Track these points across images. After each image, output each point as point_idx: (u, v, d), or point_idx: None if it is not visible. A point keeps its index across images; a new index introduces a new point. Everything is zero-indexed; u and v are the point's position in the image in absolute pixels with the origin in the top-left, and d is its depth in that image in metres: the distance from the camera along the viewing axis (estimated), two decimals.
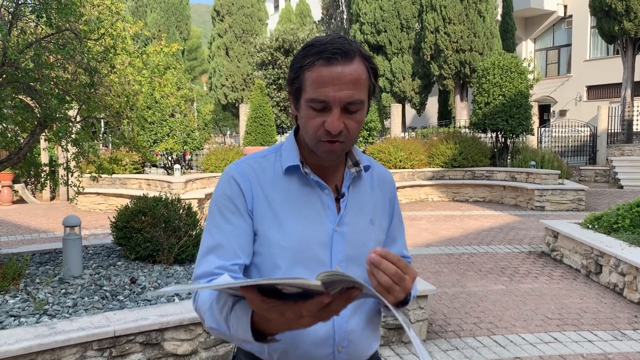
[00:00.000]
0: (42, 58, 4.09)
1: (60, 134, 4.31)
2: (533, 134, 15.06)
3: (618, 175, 15.42)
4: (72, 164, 5.10)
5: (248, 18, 24.71)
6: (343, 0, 26.18)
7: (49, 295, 3.82)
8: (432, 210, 11.21)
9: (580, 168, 16.92)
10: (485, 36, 18.72)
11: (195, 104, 15.72)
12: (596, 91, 23.41)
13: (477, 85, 13.84)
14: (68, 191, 12.89)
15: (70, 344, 2.92)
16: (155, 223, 4.76)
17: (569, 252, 6.31)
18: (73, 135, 4.67)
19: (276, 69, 15.69)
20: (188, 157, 14.83)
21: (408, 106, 23.33)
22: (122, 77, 5.16)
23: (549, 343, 4.02)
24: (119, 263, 4.78)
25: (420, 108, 22.68)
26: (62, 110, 4.43)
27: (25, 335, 2.90)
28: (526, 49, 25.90)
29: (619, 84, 19.86)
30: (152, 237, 4.71)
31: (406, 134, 19.15)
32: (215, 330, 1.08)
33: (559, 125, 19.47)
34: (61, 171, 10.39)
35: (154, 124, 12.53)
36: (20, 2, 4.27)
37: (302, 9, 27.50)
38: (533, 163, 12.54)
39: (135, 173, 12.59)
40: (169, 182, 10.36)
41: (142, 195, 5.23)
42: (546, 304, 4.94)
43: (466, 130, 15.24)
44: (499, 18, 21.37)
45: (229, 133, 30.17)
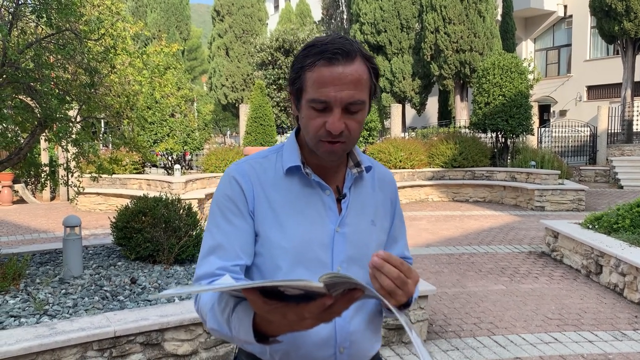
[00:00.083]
0: (42, 58, 4.09)
1: (60, 134, 4.31)
2: (533, 134, 15.06)
3: (618, 176, 15.42)
4: (72, 164, 5.10)
5: (248, 18, 24.72)
6: (343, 1, 26.18)
7: (49, 295, 3.82)
8: (432, 210, 11.21)
9: (580, 168, 16.92)
10: (486, 36, 18.72)
11: (195, 104, 15.71)
12: (596, 91, 23.41)
13: (477, 85, 13.84)
14: (68, 191, 12.89)
15: (71, 344, 2.92)
16: (156, 223, 4.76)
17: (569, 253, 6.31)
18: (73, 135, 4.67)
19: (276, 69, 15.70)
20: (188, 157, 14.83)
21: (408, 106, 23.33)
22: (123, 77, 5.15)
23: (549, 343, 4.02)
24: (119, 263, 4.78)
25: (420, 108, 22.68)
26: (62, 111, 4.43)
27: (25, 335, 2.90)
28: (526, 49, 25.90)
29: (619, 84, 19.87)
30: (153, 238, 4.71)
31: (406, 134, 19.15)
32: (217, 331, 1.08)
33: (559, 126, 19.47)
34: (61, 171, 10.40)
35: (154, 124, 12.53)
36: (20, 2, 4.27)
37: (302, 9, 27.50)
38: (533, 163, 12.54)
39: (136, 173, 12.59)
40: (169, 182, 10.36)
41: (143, 195, 5.23)
42: (546, 304, 4.93)
43: (466, 130, 15.24)
44: (499, 18, 21.37)
45: (229, 133, 30.17)
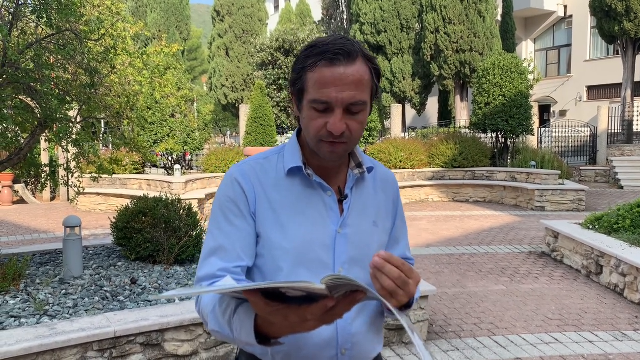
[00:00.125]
0: (43, 58, 4.09)
1: (60, 134, 4.31)
2: (533, 134, 15.06)
3: (618, 176, 15.42)
4: (73, 164, 5.10)
5: (248, 18, 24.71)
6: (343, 1, 26.18)
7: (50, 295, 3.82)
8: (433, 210, 11.21)
9: (581, 168, 16.92)
10: (486, 36, 18.72)
11: (195, 104, 15.71)
12: (596, 91, 23.41)
13: (478, 85, 13.84)
14: (68, 191, 12.89)
15: (71, 344, 2.92)
16: (156, 224, 4.75)
17: (569, 253, 6.31)
18: (73, 135, 4.67)
19: (276, 70, 15.69)
20: (188, 158, 14.83)
21: (408, 106, 23.33)
22: (123, 78, 5.15)
23: (550, 344, 4.02)
24: (120, 263, 4.78)
25: (420, 108, 22.68)
26: (63, 111, 4.43)
27: (25, 336, 2.90)
28: (526, 49, 25.90)
29: (619, 84, 19.86)
30: (153, 238, 4.70)
31: (406, 134, 19.15)
32: (219, 333, 1.07)
33: (559, 126, 19.48)
34: (61, 172, 10.40)
35: (154, 125, 12.53)
36: (20, 3, 4.27)
37: (302, 9, 27.49)
38: (533, 163, 12.54)
39: (136, 173, 12.59)
40: (169, 183, 10.36)
41: (143, 195, 5.22)
42: (547, 304, 4.93)
43: (466, 130, 15.24)
44: (499, 18, 21.37)
45: (229, 133, 30.17)
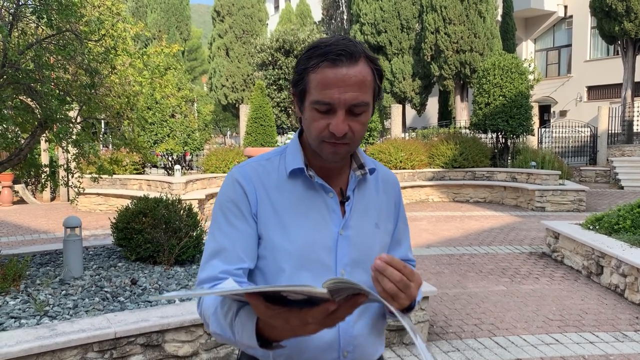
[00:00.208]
0: (43, 59, 4.08)
1: (60, 135, 4.30)
2: (533, 135, 15.07)
3: (618, 176, 15.42)
4: (73, 164, 5.10)
5: (248, 18, 24.71)
6: (343, 1, 26.18)
7: (50, 296, 3.82)
8: (433, 210, 11.20)
9: (581, 168, 16.91)
10: (486, 37, 18.72)
11: (195, 104, 15.71)
12: (596, 92, 23.41)
13: (478, 85, 13.84)
14: (68, 192, 12.89)
15: (71, 345, 2.91)
16: (156, 224, 4.75)
17: (570, 253, 6.31)
18: (74, 136, 4.66)
19: (276, 70, 15.68)
20: (188, 158, 14.82)
21: (408, 107, 23.33)
22: (123, 78, 5.15)
23: (550, 344, 4.01)
24: (120, 264, 4.78)
25: (420, 108, 22.68)
26: (63, 111, 4.42)
27: (25, 336, 2.90)
28: (526, 50, 25.89)
29: (620, 85, 19.86)
30: (153, 238, 4.70)
31: (406, 134, 19.15)
32: (220, 335, 1.07)
33: (559, 126, 19.48)
34: (62, 172, 10.39)
35: (154, 125, 12.53)
36: (20, 3, 4.27)
37: (303, 9, 27.48)
38: (533, 164, 12.54)
39: (136, 174, 12.59)
40: (169, 183, 10.36)
41: (143, 196, 5.22)
42: (547, 305, 4.93)
43: (466, 130, 15.24)
44: (499, 18, 21.36)
45: (229, 133, 30.17)
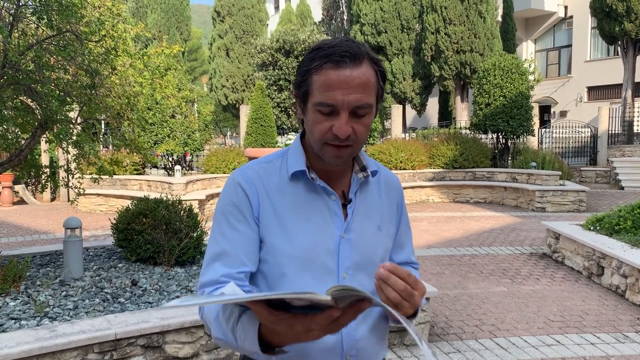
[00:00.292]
0: (43, 60, 4.08)
1: (61, 135, 4.30)
2: (534, 135, 15.06)
3: (619, 177, 15.41)
4: (73, 165, 5.09)
5: (248, 19, 24.70)
6: (343, 1, 26.18)
7: (50, 297, 3.81)
8: (433, 211, 11.20)
9: (581, 169, 16.91)
10: (486, 37, 18.71)
11: (195, 105, 15.70)
12: (597, 92, 23.40)
13: (478, 86, 13.84)
14: (68, 192, 12.88)
15: (71, 347, 2.91)
16: (156, 225, 4.74)
17: (570, 254, 6.30)
18: (74, 137, 4.65)
19: (277, 70, 15.67)
20: (189, 158, 14.82)
21: (408, 107, 23.32)
22: (123, 79, 5.14)
23: (551, 345, 4.00)
24: (120, 265, 4.77)
25: (420, 109, 22.67)
26: (63, 112, 4.42)
27: (26, 338, 2.89)
28: (527, 50, 25.89)
29: (620, 85, 19.86)
30: (153, 239, 4.69)
31: (407, 134, 19.14)
32: (222, 341, 1.06)
33: (559, 126, 19.47)
34: (62, 173, 10.39)
35: (154, 125, 12.52)
36: (21, 4, 4.26)
37: (303, 9, 27.47)
38: (534, 164, 12.53)
39: (136, 174, 12.59)
40: (169, 183, 10.36)
41: (143, 196, 5.21)
42: (548, 306, 4.92)
43: (467, 131, 15.24)
44: (499, 19, 21.36)
45: (229, 134, 30.16)
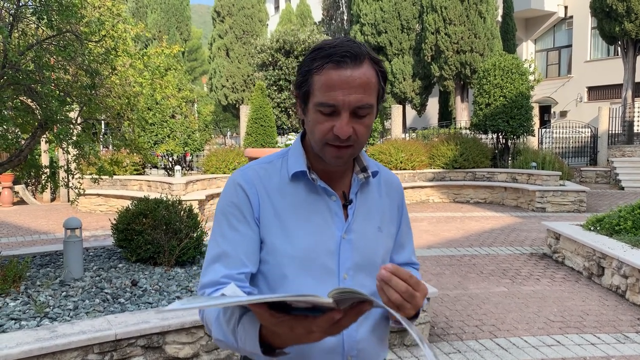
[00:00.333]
0: (43, 60, 4.07)
1: (61, 135, 4.29)
2: (534, 135, 15.06)
3: (619, 177, 15.41)
4: (73, 165, 5.09)
5: (248, 19, 24.70)
6: (343, 1, 26.17)
7: (50, 298, 3.81)
8: (433, 211, 11.19)
9: (581, 169, 16.91)
10: (486, 37, 18.71)
11: (195, 105, 15.70)
12: (597, 92, 23.40)
13: (478, 86, 13.83)
14: (69, 192, 12.88)
15: (71, 347, 2.90)
16: (156, 225, 4.74)
17: (570, 254, 6.30)
18: (74, 137, 4.65)
19: (277, 70, 15.67)
20: (189, 158, 14.82)
21: (408, 107, 23.32)
22: (123, 79, 5.14)
23: (552, 346, 4.00)
24: (120, 265, 4.77)
25: (420, 109, 22.67)
26: (63, 112, 4.41)
27: (26, 338, 2.89)
28: (527, 50, 25.89)
29: (620, 85, 19.86)
30: (153, 239, 4.69)
31: (407, 135, 19.14)
32: (223, 342, 1.06)
33: (559, 127, 19.47)
34: (62, 173, 10.38)
35: (154, 125, 12.52)
36: (21, 4, 4.26)
37: (303, 9, 27.47)
38: (534, 164, 12.53)
39: (136, 174, 12.59)
40: (169, 184, 10.36)
41: (143, 197, 5.21)
42: (548, 306, 4.92)
43: (467, 131, 15.24)
44: (499, 19, 21.35)
45: (229, 134, 30.16)
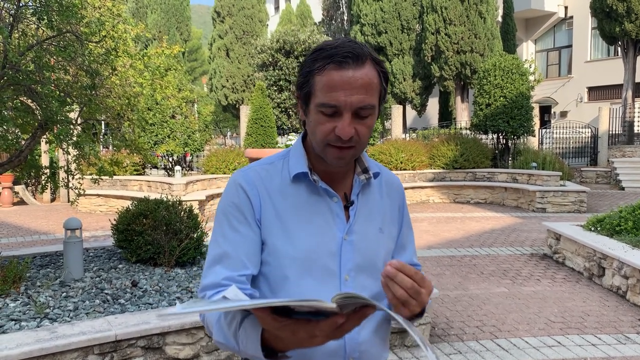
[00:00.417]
0: (43, 60, 4.07)
1: (61, 136, 4.29)
2: (534, 136, 15.06)
3: (619, 177, 15.41)
4: (73, 166, 5.09)
5: (248, 19, 24.69)
6: (344, 2, 26.17)
7: (50, 298, 3.80)
8: (434, 211, 11.19)
9: (582, 169, 16.90)
10: (486, 37, 18.71)
11: (195, 105, 15.70)
12: (597, 92, 23.39)
13: (478, 86, 13.83)
14: (69, 193, 12.88)
15: (72, 348, 2.90)
16: (157, 225, 4.74)
17: (571, 255, 6.29)
18: (74, 137, 4.64)
19: (277, 71, 15.66)
20: (189, 159, 14.82)
21: (409, 107, 23.32)
22: (123, 79, 5.13)
23: (553, 347, 4.00)
24: (120, 266, 4.76)
25: (420, 109, 22.67)
26: (63, 113, 4.41)
27: (26, 339, 2.88)
28: (527, 50, 25.88)
29: (620, 85, 19.85)
30: (153, 240, 4.68)
31: (407, 135, 19.13)
32: (224, 345, 1.05)
33: (560, 127, 19.47)
34: (62, 173, 10.38)
35: (154, 126, 12.52)
36: (21, 5, 4.26)
37: (303, 10, 27.47)
38: (534, 164, 12.53)
39: (136, 174, 12.59)
40: (169, 184, 10.35)
41: (143, 197, 5.21)
42: (549, 307, 4.91)
43: (467, 131, 15.24)
44: (499, 19, 21.35)
45: (229, 134, 30.16)
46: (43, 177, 5.18)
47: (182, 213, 4.97)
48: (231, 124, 29.12)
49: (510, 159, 13.98)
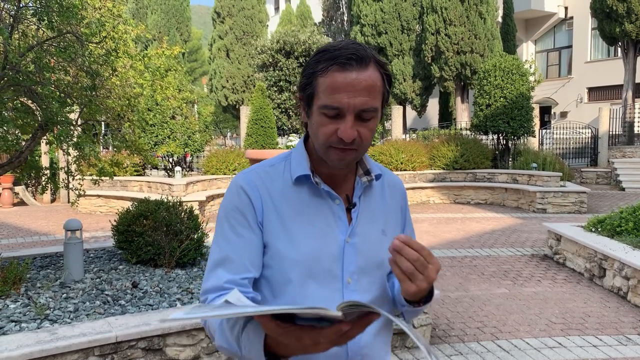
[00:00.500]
0: (44, 61, 4.07)
1: (61, 137, 4.28)
2: (534, 136, 15.06)
3: (620, 177, 15.40)
4: (73, 167, 5.08)
5: (249, 20, 24.69)
6: (344, 2, 26.18)
7: (50, 300, 3.80)
8: (434, 212, 11.18)
9: (582, 170, 16.90)
10: (486, 38, 18.71)
11: (196, 106, 15.70)
12: (597, 93, 23.39)
13: (479, 87, 13.83)
14: (69, 193, 12.88)
15: (72, 349, 2.90)
16: (157, 226, 4.73)
17: (572, 256, 6.29)
18: (74, 138, 4.64)
19: (277, 71, 15.66)
20: (189, 159, 14.82)
21: (409, 108, 23.31)
22: (124, 80, 5.13)
23: (554, 348, 3.99)
24: (121, 267, 4.76)
25: (421, 110, 22.66)
26: (64, 113, 4.40)
27: (26, 341, 2.88)
28: (527, 51, 25.88)
29: (620, 86, 19.85)
30: (154, 241, 4.68)
31: (407, 135, 19.13)
32: (226, 349, 1.05)
33: (560, 127, 19.47)
34: (62, 174, 10.38)
35: (155, 126, 12.52)
36: (21, 5, 4.25)
37: (303, 10, 27.47)
38: (535, 165, 12.52)
39: (136, 175, 12.58)
40: (169, 185, 10.35)
41: (144, 198, 5.20)
42: (550, 308, 4.91)
43: (467, 132, 15.23)
44: (499, 20, 21.35)
45: (229, 135, 30.15)
46: (43, 178, 5.17)
47: (183, 214, 4.96)
48: (231, 124, 29.12)
49: (510, 159, 13.98)
